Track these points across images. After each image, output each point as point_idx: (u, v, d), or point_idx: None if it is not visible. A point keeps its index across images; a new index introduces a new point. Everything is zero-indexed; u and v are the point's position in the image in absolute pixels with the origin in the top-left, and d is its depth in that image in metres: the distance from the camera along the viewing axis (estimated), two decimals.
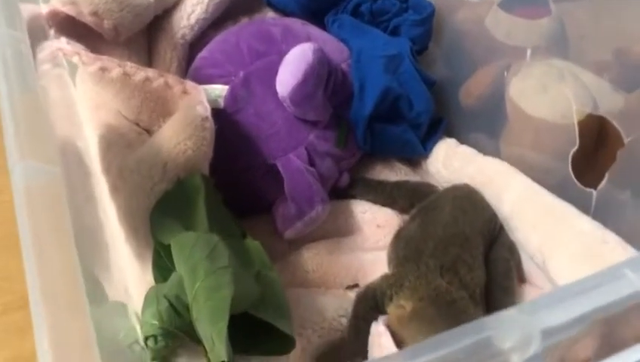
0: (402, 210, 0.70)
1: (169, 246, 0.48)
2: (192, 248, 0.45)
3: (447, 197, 0.63)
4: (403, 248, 0.60)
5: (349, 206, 0.70)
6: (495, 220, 0.62)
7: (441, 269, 0.55)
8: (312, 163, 0.65)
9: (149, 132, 0.63)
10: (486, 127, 0.71)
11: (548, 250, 0.53)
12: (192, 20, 0.68)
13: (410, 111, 0.68)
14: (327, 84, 0.64)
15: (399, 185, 0.71)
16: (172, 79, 0.61)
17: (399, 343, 0.51)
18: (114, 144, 0.57)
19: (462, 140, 0.73)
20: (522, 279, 0.61)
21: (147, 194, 0.52)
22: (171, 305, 0.44)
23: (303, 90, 0.60)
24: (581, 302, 0.27)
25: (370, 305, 0.57)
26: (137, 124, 0.63)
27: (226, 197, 0.59)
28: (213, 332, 0.40)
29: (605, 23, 0.63)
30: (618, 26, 0.61)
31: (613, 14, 0.61)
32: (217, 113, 0.62)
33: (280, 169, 0.63)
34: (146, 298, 0.48)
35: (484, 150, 0.70)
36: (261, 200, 0.66)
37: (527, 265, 0.60)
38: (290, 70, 0.60)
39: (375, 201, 0.71)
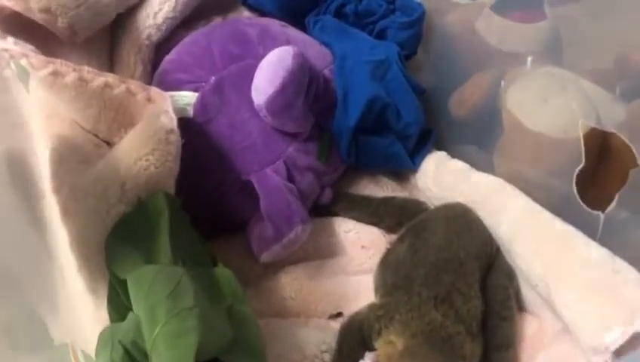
0: (389, 229, 0.64)
1: (124, 280, 0.41)
2: (151, 284, 0.39)
3: (438, 217, 0.58)
4: (392, 274, 0.54)
5: (332, 224, 0.64)
6: (491, 243, 0.56)
7: (435, 300, 0.49)
8: (291, 178, 0.59)
9: (109, 144, 0.56)
10: (479, 140, 0.65)
11: (553, 280, 0.48)
12: (159, 19, 0.61)
13: (399, 122, 0.63)
14: (308, 91, 0.58)
15: (386, 202, 0.65)
16: (135, 85, 0.55)
17: None
18: (67, 159, 0.50)
19: (453, 153, 0.67)
20: (521, 307, 0.56)
21: (102, 218, 0.45)
22: (127, 352, 0.37)
23: (281, 98, 0.54)
24: None
25: (356, 339, 0.51)
26: (96, 135, 0.56)
27: (195, 218, 0.53)
28: None
29: (604, 27, 0.58)
30: (617, 32, 0.56)
31: (612, 19, 0.57)
32: (186, 123, 0.55)
33: (255, 185, 0.57)
34: (100, 340, 0.41)
35: (476, 164, 0.65)
36: (234, 220, 0.60)
37: (527, 292, 0.55)
38: (268, 76, 0.54)
39: (359, 219, 0.65)
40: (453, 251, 0.53)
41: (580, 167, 0.51)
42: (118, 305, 0.42)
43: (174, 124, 0.50)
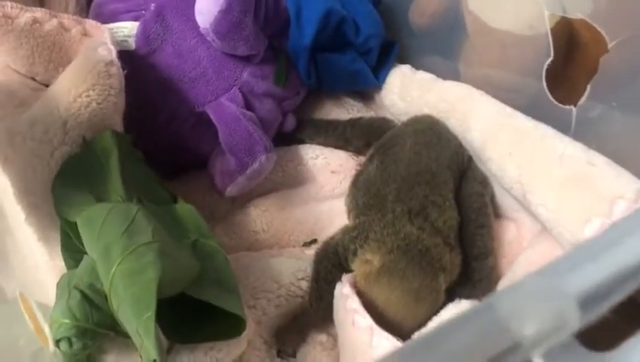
0: (357, 151, 0.62)
1: (76, 224, 0.39)
2: (103, 223, 0.36)
3: (407, 131, 0.55)
4: (363, 195, 0.52)
5: (298, 152, 0.61)
6: (463, 152, 0.54)
7: (410, 215, 0.47)
8: (249, 106, 0.56)
9: (48, 87, 0.52)
10: (443, 49, 0.62)
11: (528, 180, 0.46)
12: None
13: (358, 36, 0.59)
14: (257, 10, 0.54)
15: (352, 124, 0.62)
16: (68, 20, 0.50)
17: (368, 304, 0.44)
18: (2, 105, 0.46)
19: (417, 66, 0.64)
20: (497, 214, 0.54)
21: (46, 162, 0.42)
22: (85, 296, 0.35)
23: (228, 18, 0.50)
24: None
25: (332, 262, 0.49)
26: (33, 79, 0.52)
27: (151, 157, 0.50)
28: (139, 326, 0.32)
29: None
30: None
31: None
32: (129, 56, 0.52)
33: (211, 116, 0.53)
34: (58, 288, 0.39)
35: (443, 75, 0.62)
36: (194, 157, 0.57)
37: (502, 198, 0.54)
38: None
39: (326, 144, 0.63)
40: (424, 163, 0.51)
41: (549, 60, 0.49)
42: (73, 251, 0.40)
43: (114, 55, 0.46)
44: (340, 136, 0.62)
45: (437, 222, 0.48)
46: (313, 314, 0.49)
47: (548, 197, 0.45)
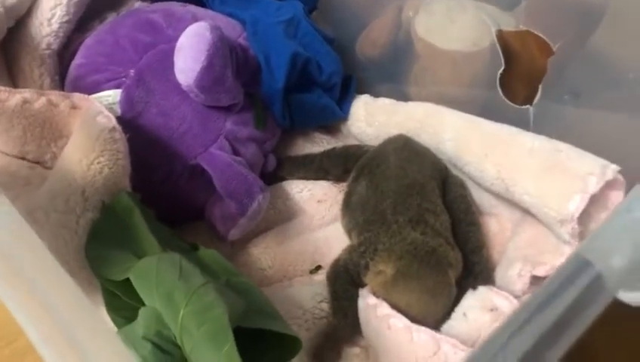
0: (337, 179, 0.66)
1: (122, 282, 0.40)
2: (157, 273, 0.38)
3: (386, 151, 0.60)
4: (361, 213, 0.56)
5: (284, 188, 0.65)
6: (439, 162, 0.60)
7: (411, 223, 0.52)
8: (235, 152, 0.59)
9: (41, 164, 0.53)
10: (394, 75, 0.68)
11: (508, 175, 0.52)
12: (55, 26, 0.58)
13: (321, 74, 0.64)
14: (230, 63, 0.57)
15: (327, 155, 0.66)
16: (55, 96, 0.52)
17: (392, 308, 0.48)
18: (9, 188, 0.46)
19: (372, 94, 0.70)
20: (479, 212, 0.60)
21: (74, 230, 0.43)
22: (155, 345, 0.36)
23: (210, 73, 0.54)
24: None
25: (346, 281, 0.53)
26: (23, 158, 0.53)
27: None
28: (220, 359, 0.34)
29: None
30: None
31: None
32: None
33: (205, 166, 0.56)
34: None
35: (397, 99, 0.68)
36: (192, 208, 0.59)
37: (480, 196, 0.59)
38: (190, 55, 0.53)
39: (307, 177, 0.66)
40: (411, 177, 0.56)
41: (501, 70, 0.56)
42: (120, 309, 0.41)
43: (114, 121, 0.48)
44: (318, 167, 0.66)
45: (435, 226, 0.53)
46: (342, 330, 0.52)
47: (529, 186, 0.51)
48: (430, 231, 0.52)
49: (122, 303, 0.40)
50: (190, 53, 0.54)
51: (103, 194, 0.46)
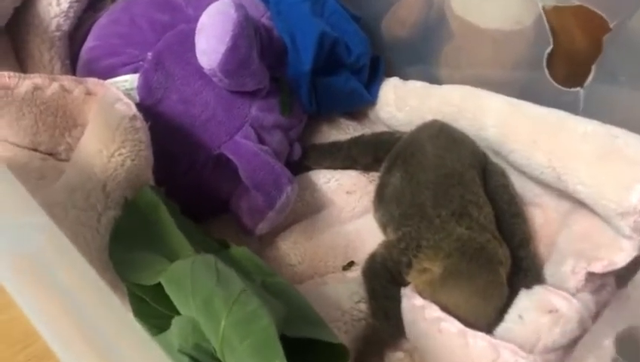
0: (366, 168, 0.62)
1: (151, 287, 0.36)
2: (192, 279, 0.34)
3: (421, 138, 0.56)
4: (396, 207, 0.52)
5: (310, 179, 0.61)
6: (478, 149, 0.56)
7: (455, 217, 0.48)
8: (260, 140, 0.55)
9: (54, 156, 0.49)
10: (424, 56, 0.64)
11: (559, 163, 0.48)
12: (64, 5, 0.53)
13: (350, 55, 0.60)
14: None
15: (355, 142, 0.63)
16: (68, 81, 0.48)
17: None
18: (25, 180, 0.42)
19: (400, 77, 0.66)
20: (522, 202, 0.56)
21: (95, 229, 0.39)
22: (193, 359, 0.33)
23: (236, 55, 0.49)
24: None
25: (386, 279, 0.49)
26: (35, 150, 0.49)
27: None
28: None
29: None
30: None
31: None
32: None
33: (230, 156, 0.52)
34: None
35: (427, 81, 0.64)
36: (216, 201, 0.55)
37: (522, 185, 0.56)
38: (214, 35, 0.49)
39: (333, 166, 0.62)
40: (450, 166, 0.52)
41: (549, 49, 0.52)
42: (148, 316, 0.37)
43: (134, 108, 0.44)
44: (346, 156, 0.62)
45: (480, 219, 0.49)
46: (383, 332, 0.48)
47: (584, 175, 0.47)
48: (476, 226, 0.48)
49: (151, 310, 0.36)
50: (213, 33, 0.49)
51: (125, 189, 0.42)
